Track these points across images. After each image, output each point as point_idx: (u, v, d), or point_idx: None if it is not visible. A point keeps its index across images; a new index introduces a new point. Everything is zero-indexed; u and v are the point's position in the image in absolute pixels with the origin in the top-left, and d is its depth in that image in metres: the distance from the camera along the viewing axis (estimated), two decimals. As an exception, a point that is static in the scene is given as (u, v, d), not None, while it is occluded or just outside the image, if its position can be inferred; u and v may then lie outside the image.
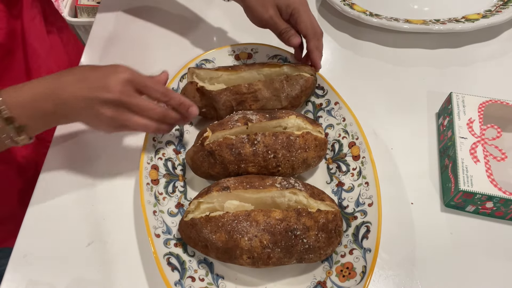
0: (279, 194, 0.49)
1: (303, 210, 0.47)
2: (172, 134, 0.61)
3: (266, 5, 0.59)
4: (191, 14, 0.84)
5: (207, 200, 0.50)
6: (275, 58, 0.69)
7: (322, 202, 0.50)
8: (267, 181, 0.50)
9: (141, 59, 0.75)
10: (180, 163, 0.60)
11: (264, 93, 0.60)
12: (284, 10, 0.59)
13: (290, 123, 0.56)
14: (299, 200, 0.49)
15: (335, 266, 0.50)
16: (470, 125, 0.59)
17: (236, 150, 0.53)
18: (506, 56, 0.76)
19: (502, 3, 0.79)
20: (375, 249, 0.48)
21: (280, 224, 0.46)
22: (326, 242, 0.48)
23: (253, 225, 0.46)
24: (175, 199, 0.56)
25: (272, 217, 0.47)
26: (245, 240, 0.46)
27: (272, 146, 0.53)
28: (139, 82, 0.49)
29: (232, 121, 0.55)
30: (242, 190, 0.49)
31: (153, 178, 0.55)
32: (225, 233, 0.46)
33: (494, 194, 0.52)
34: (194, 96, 0.61)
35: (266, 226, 0.46)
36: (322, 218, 0.47)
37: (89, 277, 0.51)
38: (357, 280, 0.47)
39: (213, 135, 0.54)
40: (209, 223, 0.47)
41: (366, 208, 0.52)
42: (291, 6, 0.59)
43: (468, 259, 0.53)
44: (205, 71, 0.63)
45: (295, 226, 0.46)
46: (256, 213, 0.47)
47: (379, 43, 0.78)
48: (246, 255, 0.47)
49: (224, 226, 0.47)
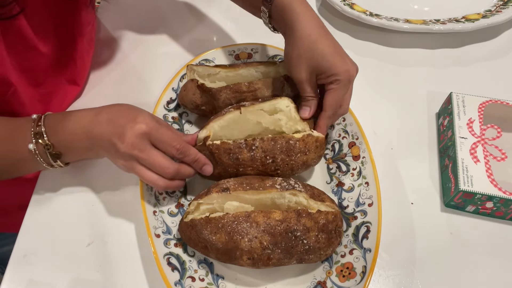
0: (279, 195, 0.49)
1: (303, 211, 0.47)
2: None
3: (301, 65, 0.52)
4: (191, 14, 0.84)
5: (207, 201, 0.50)
6: (275, 58, 0.69)
7: (322, 203, 0.49)
8: (267, 182, 0.50)
9: (141, 59, 0.75)
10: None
11: (263, 92, 0.60)
12: (324, 76, 0.52)
13: (283, 104, 0.53)
14: (299, 201, 0.49)
15: (335, 266, 0.50)
16: (470, 125, 0.59)
17: (234, 155, 0.52)
18: (506, 56, 0.76)
19: (502, 3, 0.79)
20: (375, 249, 0.48)
21: (280, 225, 0.46)
22: (326, 243, 0.48)
23: (253, 226, 0.46)
24: (175, 199, 0.56)
25: (272, 218, 0.46)
26: (245, 241, 0.46)
27: (271, 151, 0.52)
28: (155, 137, 0.49)
29: (226, 110, 0.55)
30: (242, 192, 0.49)
31: None
32: (225, 234, 0.46)
33: (494, 194, 0.52)
34: (195, 93, 0.61)
35: (266, 227, 0.46)
36: (322, 219, 0.47)
37: (89, 277, 0.51)
38: (357, 280, 0.47)
39: (212, 130, 0.53)
40: (209, 224, 0.47)
41: (366, 208, 0.52)
42: (333, 78, 0.51)
43: (468, 259, 0.53)
44: (203, 67, 0.63)
45: (295, 227, 0.46)
46: (256, 214, 0.47)
47: (379, 43, 0.78)
48: (246, 256, 0.47)
49: (224, 227, 0.46)
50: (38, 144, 0.49)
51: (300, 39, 0.52)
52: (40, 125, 0.49)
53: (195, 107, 0.62)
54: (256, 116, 0.53)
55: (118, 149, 0.48)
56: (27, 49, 0.56)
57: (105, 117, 0.49)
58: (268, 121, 0.53)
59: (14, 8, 0.49)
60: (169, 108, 0.63)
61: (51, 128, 0.50)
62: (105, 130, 0.48)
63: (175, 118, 0.63)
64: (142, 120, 0.48)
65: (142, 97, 0.69)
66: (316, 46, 0.51)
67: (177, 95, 0.64)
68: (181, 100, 0.63)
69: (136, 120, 0.48)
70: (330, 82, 0.52)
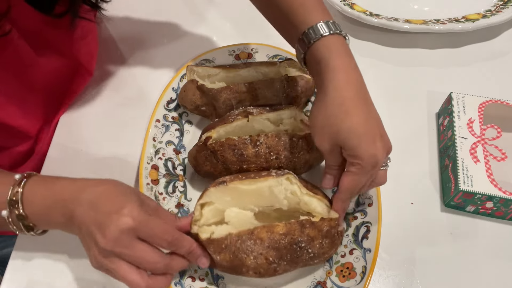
0: (276, 182, 0.48)
1: (306, 222, 0.46)
2: (172, 134, 0.61)
3: (324, 136, 0.46)
4: (191, 14, 0.84)
5: (206, 199, 0.49)
6: (275, 58, 0.69)
7: (315, 195, 0.49)
8: (262, 172, 0.50)
9: (141, 59, 0.75)
10: (180, 163, 0.60)
11: (264, 93, 0.60)
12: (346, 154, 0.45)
13: (290, 113, 0.55)
14: (293, 190, 0.48)
15: (335, 266, 0.50)
16: (470, 125, 0.59)
17: (238, 151, 0.52)
18: (506, 56, 0.76)
19: (502, 3, 0.79)
20: (375, 249, 0.48)
21: (284, 238, 0.45)
22: (329, 247, 0.48)
23: (257, 243, 0.45)
24: (175, 199, 0.56)
25: (276, 233, 0.45)
26: (250, 259, 0.45)
27: (275, 147, 0.52)
28: (143, 232, 0.41)
29: (233, 115, 0.55)
30: (238, 182, 0.48)
31: (153, 178, 0.55)
32: (230, 254, 0.46)
33: (494, 194, 0.52)
34: (194, 94, 0.61)
35: (271, 243, 0.45)
36: (325, 226, 0.47)
37: (89, 277, 0.51)
38: (357, 280, 0.47)
39: (216, 133, 0.54)
40: (212, 245, 0.46)
41: (366, 208, 0.52)
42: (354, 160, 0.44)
43: (468, 259, 0.53)
44: (203, 68, 0.63)
45: (300, 238, 0.46)
46: (259, 231, 0.46)
47: (379, 43, 0.78)
48: (252, 271, 0.46)
49: (227, 247, 0.46)
50: (12, 213, 0.43)
51: (331, 107, 0.44)
52: (18, 193, 0.43)
53: (195, 107, 0.62)
54: (262, 125, 0.55)
55: (97, 242, 0.40)
56: (26, 65, 0.55)
57: (87, 197, 0.42)
58: (271, 130, 0.55)
59: (4, 25, 0.47)
60: (169, 108, 0.63)
61: (28, 197, 0.44)
62: (85, 214, 0.42)
63: (175, 118, 0.63)
64: (128, 213, 0.41)
65: (142, 97, 0.69)
66: (345, 121, 0.43)
67: (177, 95, 0.64)
68: (181, 100, 0.63)
69: (122, 212, 0.40)
70: (351, 163, 0.45)
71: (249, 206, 0.49)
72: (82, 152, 0.63)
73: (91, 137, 0.64)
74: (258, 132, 0.54)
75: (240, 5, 0.82)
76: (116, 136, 0.64)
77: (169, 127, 0.61)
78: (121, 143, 0.64)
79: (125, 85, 0.71)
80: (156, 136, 0.59)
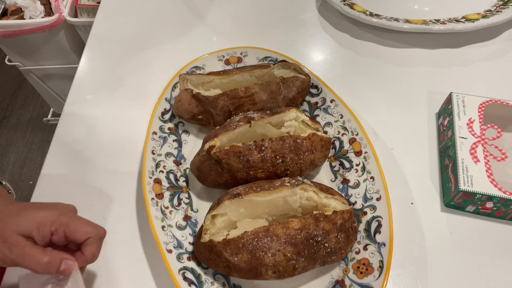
0: (291, 192, 0.49)
1: (320, 215, 0.47)
2: (170, 146, 0.60)
3: None
4: (191, 14, 0.84)
5: (220, 211, 0.49)
6: (266, 60, 0.68)
7: (333, 196, 0.50)
8: (276, 182, 0.50)
9: (141, 59, 0.75)
10: (182, 174, 0.59)
11: (261, 96, 0.60)
12: None
13: (291, 116, 0.56)
14: (310, 196, 0.49)
15: (351, 263, 0.50)
16: (470, 125, 0.59)
17: (244, 158, 0.52)
18: (506, 56, 0.76)
19: (502, 3, 0.79)
20: (390, 243, 0.48)
21: (300, 233, 0.46)
22: (345, 241, 0.48)
23: (274, 239, 0.46)
24: (181, 212, 0.55)
25: (291, 228, 0.46)
26: (268, 256, 0.45)
27: (280, 150, 0.52)
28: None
29: (234, 122, 0.55)
30: (254, 194, 0.49)
31: (157, 193, 0.54)
32: (247, 253, 0.46)
33: (494, 194, 0.52)
34: (190, 103, 0.60)
35: (287, 238, 0.46)
36: (339, 219, 0.47)
37: (89, 277, 0.51)
38: (375, 276, 0.47)
39: (219, 141, 0.53)
40: (229, 246, 0.46)
41: (375, 202, 0.53)
42: None
43: (468, 259, 0.53)
44: (196, 76, 0.63)
45: (315, 232, 0.46)
46: (274, 227, 0.46)
47: (379, 43, 0.78)
48: (271, 270, 0.46)
49: (245, 246, 0.46)
50: None
51: None
52: None
53: (191, 116, 0.61)
54: (264, 129, 0.55)
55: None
56: None
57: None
58: (274, 133, 0.54)
59: None
60: (164, 119, 0.62)
61: None
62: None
63: (172, 129, 0.62)
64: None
65: (139, 104, 0.69)
66: None
67: (171, 105, 0.63)
68: (176, 110, 0.61)
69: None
70: None
71: (262, 215, 0.49)
72: (80, 151, 0.63)
73: (91, 137, 0.64)
74: (261, 137, 0.54)
75: (240, 5, 0.82)
76: (116, 134, 0.64)
77: (166, 139, 0.60)
78: (121, 142, 0.64)
79: (125, 85, 0.71)
80: (154, 149, 0.57)
